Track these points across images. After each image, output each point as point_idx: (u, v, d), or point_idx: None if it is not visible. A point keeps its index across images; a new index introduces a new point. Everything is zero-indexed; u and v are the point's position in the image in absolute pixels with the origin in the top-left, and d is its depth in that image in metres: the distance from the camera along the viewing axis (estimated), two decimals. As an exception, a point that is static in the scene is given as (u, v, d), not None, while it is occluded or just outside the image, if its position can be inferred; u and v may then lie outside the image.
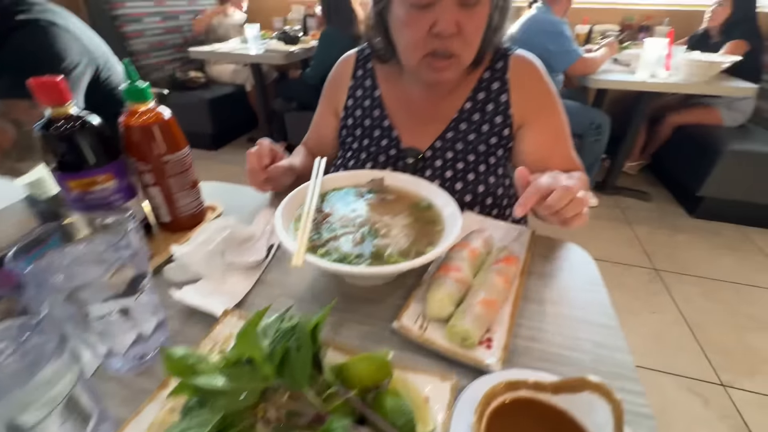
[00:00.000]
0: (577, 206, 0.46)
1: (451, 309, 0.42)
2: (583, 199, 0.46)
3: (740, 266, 1.79)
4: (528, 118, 0.67)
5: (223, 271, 0.51)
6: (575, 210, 0.47)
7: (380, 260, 0.44)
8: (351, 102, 0.75)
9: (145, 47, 2.83)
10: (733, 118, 2.19)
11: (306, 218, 0.46)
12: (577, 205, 0.46)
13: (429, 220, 0.52)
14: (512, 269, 0.47)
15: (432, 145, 0.69)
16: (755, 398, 1.21)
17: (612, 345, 0.42)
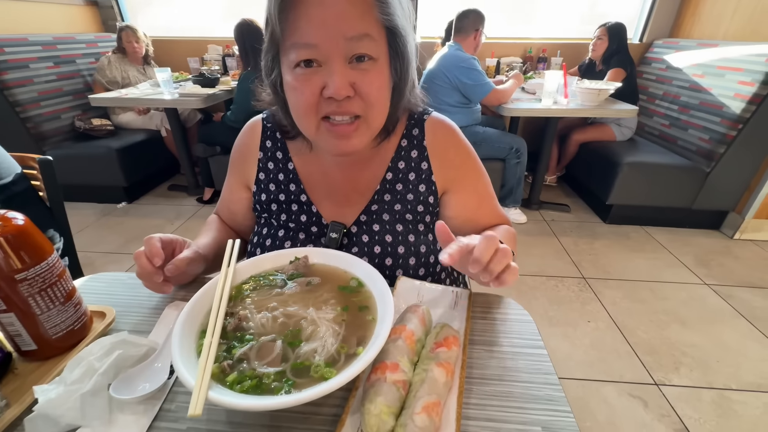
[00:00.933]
0: (502, 259, 0.45)
1: (391, 423, 0.37)
2: (506, 250, 0.46)
3: (650, 265, 2.00)
4: (451, 184, 0.67)
5: (110, 412, 0.41)
6: (502, 263, 0.45)
7: (306, 375, 0.38)
8: (263, 176, 0.69)
9: (32, 96, 2.49)
10: (623, 133, 2.52)
11: (210, 339, 0.39)
12: (502, 257, 0.45)
13: (360, 306, 0.47)
14: (453, 353, 0.44)
15: (357, 219, 0.65)
16: (683, 392, 1.32)
17: (561, 426, 0.40)
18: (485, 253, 0.44)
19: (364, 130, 0.54)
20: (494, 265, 0.45)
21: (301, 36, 0.47)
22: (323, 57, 0.48)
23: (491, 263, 0.44)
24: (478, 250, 0.44)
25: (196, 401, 0.32)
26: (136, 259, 0.52)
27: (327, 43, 0.47)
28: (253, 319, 0.44)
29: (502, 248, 0.45)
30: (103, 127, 2.69)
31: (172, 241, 0.56)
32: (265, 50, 0.53)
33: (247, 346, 0.41)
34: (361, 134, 0.54)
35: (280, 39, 0.50)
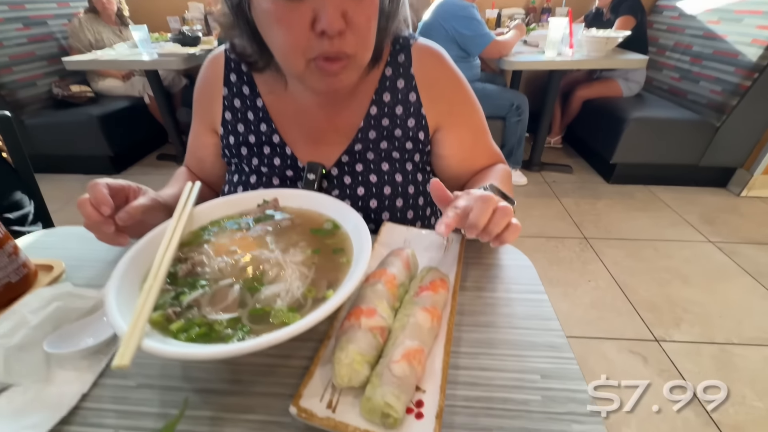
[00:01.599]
0: (501, 219, 0.40)
1: (365, 373, 0.31)
2: (506, 208, 0.40)
3: (653, 224, 1.94)
4: (444, 120, 0.60)
5: (48, 368, 0.35)
6: (501, 224, 0.40)
7: (265, 322, 0.32)
8: (229, 115, 0.61)
9: (4, 61, 2.34)
10: (630, 88, 2.39)
11: (152, 282, 0.33)
12: (501, 218, 0.40)
13: (334, 248, 0.41)
14: (441, 297, 0.38)
15: (339, 160, 0.58)
16: (683, 347, 1.30)
17: (563, 374, 0.35)
18: (482, 218, 0.39)
19: (353, 66, 0.47)
20: (493, 226, 0.40)
21: None
22: None
23: (489, 225, 0.40)
24: (474, 215, 0.39)
25: (124, 350, 0.26)
26: (79, 207, 0.45)
27: None
28: (210, 264, 0.38)
29: (501, 207, 0.40)
30: (83, 94, 2.56)
31: (123, 188, 0.49)
32: None
33: (199, 292, 0.35)
34: (351, 71, 0.48)
35: None
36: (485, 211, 0.39)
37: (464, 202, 0.41)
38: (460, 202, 0.42)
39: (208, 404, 0.33)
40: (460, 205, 0.41)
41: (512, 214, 0.41)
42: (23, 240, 0.57)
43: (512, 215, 0.41)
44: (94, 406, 0.34)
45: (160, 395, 0.34)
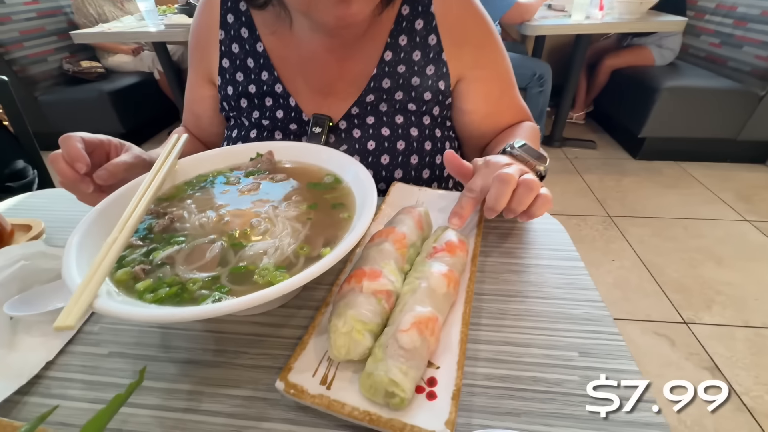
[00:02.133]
0: (525, 197, 0.34)
1: (366, 344, 0.26)
2: (530, 182, 0.34)
3: (684, 201, 1.82)
4: (468, 69, 0.52)
5: (13, 334, 0.32)
6: (525, 202, 0.35)
7: (248, 282, 0.27)
8: (227, 63, 0.54)
9: (14, 36, 2.32)
10: (664, 56, 2.21)
11: (117, 235, 0.28)
12: (524, 194, 0.34)
13: (334, 203, 0.35)
14: (459, 260, 0.32)
15: (347, 112, 0.51)
16: (715, 330, 1.22)
17: (606, 352, 0.29)
18: (500, 200, 0.34)
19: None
20: (516, 205, 0.34)
21: None
22: None
23: (512, 204, 0.34)
24: (491, 198, 0.35)
25: (71, 308, 0.22)
26: (52, 163, 0.40)
27: None
28: (190, 220, 0.33)
29: (524, 182, 0.35)
30: (93, 70, 2.54)
31: (103, 143, 0.44)
32: None
33: (174, 248, 0.30)
34: (364, 0, 0.41)
35: None
36: (503, 192, 0.34)
37: (480, 181, 0.37)
38: (476, 182, 0.37)
39: (186, 376, 0.29)
40: (475, 187, 0.37)
41: (539, 186, 0.35)
42: (7, 202, 0.53)
43: (539, 187, 0.35)
44: (59, 376, 0.29)
45: (134, 365, 0.30)
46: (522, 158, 0.42)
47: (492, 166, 0.37)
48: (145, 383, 0.28)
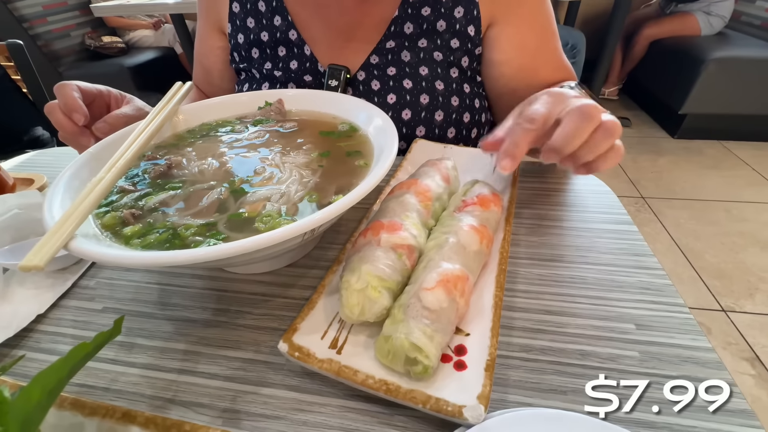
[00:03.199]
0: (605, 138, 0.26)
1: (384, 303, 0.22)
2: (612, 124, 0.26)
3: (727, 183, 1.69)
4: (501, 11, 0.46)
5: (6, 286, 0.29)
6: (604, 145, 0.27)
7: (247, 229, 0.24)
8: (237, 6, 0.50)
9: (37, 11, 2.34)
10: (712, 24, 2.01)
11: (104, 174, 0.24)
12: (605, 136, 0.26)
13: (348, 151, 0.31)
14: (493, 215, 0.28)
15: (366, 61, 0.46)
16: (758, 320, 1.13)
17: (669, 325, 0.24)
18: (576, 139, 0.26)
19: None
20: (587, 151, 0.26)
21: None
22: None
23: (583, 148, 0.26)
24: (563, 135, 0.26)
25: (40, 247, 0.18)
26: (48, 114, 0.37)
27: None
28: (189, 167, 0.30)
29: (606, 122, 0.26)
30: (114, 45, 2.54)
31: (102, 94, 0.41)
32: None
33: (168, 193, 0.27)
34: None
35: None
36: (583, 129, 0.26)
37: (544, 109, 0.27)
38: (538, 109, 0.27)
39: (182, 335, 0.26)
40: (537, 116, 0.27)
41: (620, 132, 0.27)
42: (15, 159, 0.51)
43: (619, 133, 0.27)
44: (50, 329, 0.27)
45: (128, 322, 0.27)
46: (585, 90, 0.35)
47: (557, 98, 0.28)
48: (138, 341, 0.26)
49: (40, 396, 0.13)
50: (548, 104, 0.27)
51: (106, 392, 0.23)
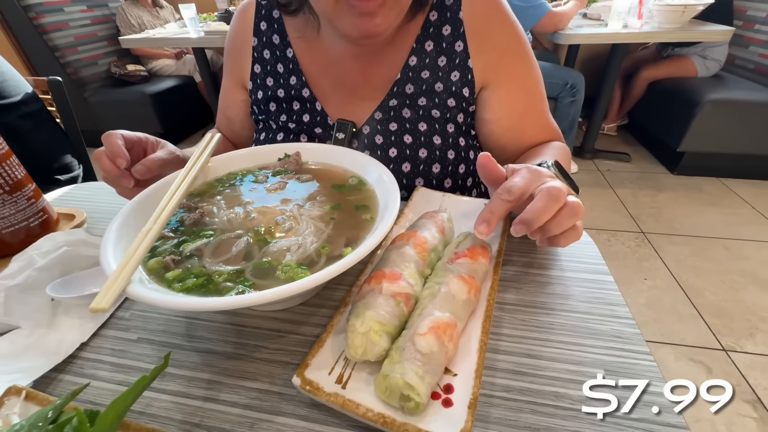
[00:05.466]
0: (569, 218, 0.31)
1: (383, 345, 0.26)
2: (576, 206, 0.31)
3: (726, 221, 1.71)
4: (493, 75, 0.51)
5: (53, 315, 0.34)
6: (566, 224, 0.31)
7: (270, 277, 0.28)
8: (258, 68, 0.57)
9: (69, 41, 2.50)
10: (708, 67, 2.10)
11: (151, 225, 0.29)
12: (569, 216, 0.31)
13: (358, 205, 0.35)
14: (480, 267, 0.32)
15: (371, 117, 0.52)
16: (759, 360, 1.13)
17: (634, 371, 0.28)
18: (542, 216, 0.30)
19: (392, 5, 0.41)
20: (553, 226, 0.31)
21: None
22: None
23: (549, 224, 0.31)
24: (534, 211, 0.30)
25: (106, 292, 0.23)
26: (96, 160, 0.43)
27: None
28: (219, 215, 0.34)
29: (571, 204, 0.31)
30: (137, 73, 2.70)
31: (141, 140, 0.47)
32: None
33: (203, 241, 0.31)
34: (388, 11, 0.41)
35: None
36: (549, 208, 0.30)
37: (522, 184, 0.31)
38: (517, 183, 0.31)
39: (207, 366, 0.30)
40: (514, 190, 0.31)
41: (582, 213, 0.31)
42: (54, 192, 0.57)
43: (582, 214, 0.31)
44: (91, 357, 0.31)
45: (159, 351, 0.31)
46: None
47: (534, 175, 0.33)
48: (169, 370, 0.29)
49: (113, 420, 0.17)
50: (525, 180, 0.32)
51: (142, 416, 0.27)
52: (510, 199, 0.31)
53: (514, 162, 0.55)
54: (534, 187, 0.32)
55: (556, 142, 0.55)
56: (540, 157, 0.48)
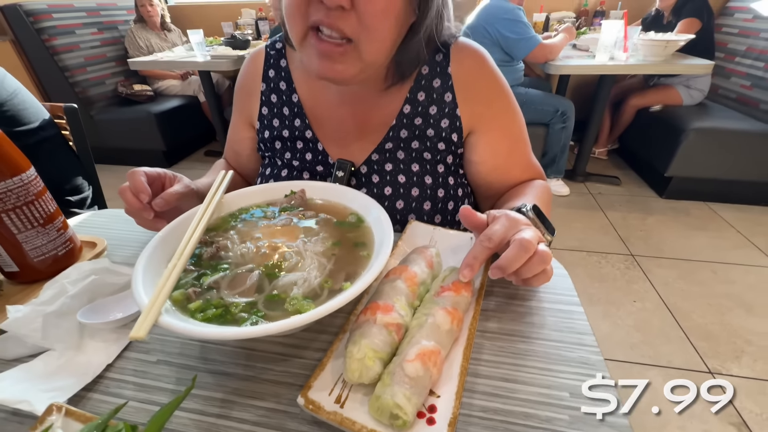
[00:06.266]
0: (538, 265, 0.36)
1: (377, 370, 0.30)
2: (545, 254, 0.36)
3: (713, 244, 1.77)
4: (479, 122, 0.57)
5: (80, 338, 0.37)
6: (536, 269, 0.36)
7: (279, 308, 0.32)
8: (266, 110, 0.62)
9: (79, 62, 2.59)
10: (692, 96, 2.20)
11: (176, 261, 0.34)
12: (538, 263, 0.36)
13: (356, 242, 0.40)
14: (463, 299, 0.36)
15: (368, 158, 0.57)
16: (744, 383, 1.16)
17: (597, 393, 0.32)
18: (514, 264, 0.35)
19: (353, 58, 0.44)
20: (525, 271, 0.36)
21: None
22: None
23: (521, 269, 0.36)
24: (507, 259, 0.35)
25: (142, 323, 0.27)
26: (121, 194, 0.48)
27: None
28: (233, 250, 0.39)
29: (540, 253, 0.36)
30: (143, 93, 2.78)
31: (160, 176, 0.52)
32: None
33: (220, 274, 0.35)
34: (349, 62, 0.44)
35: None
36: (520, 258, 0.35)
37: (501, 232, 0.36)
38: (496, 231, 0.36)
39: (220, 386, 0.33)
40: (494, 237, 0.36)
41: (550, 260, 0.37)
42: (74, 219, 0.61)
43: (550, 261, 0.37)
44: (116, 377, 0.35)
45: (177, 372, 0.35)
46: (534, 223, 0.42)
47: (512, 223, 0.37)
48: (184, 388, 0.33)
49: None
50: (504, 227, 0.37)
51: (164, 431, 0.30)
52: (491, 246, 0.36)
53: (500, 197, 0.60)
54: (511, 234, 0.36)
55: (538, 181, 0.60)
56: (522, 198, 0.52)
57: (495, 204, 0.62)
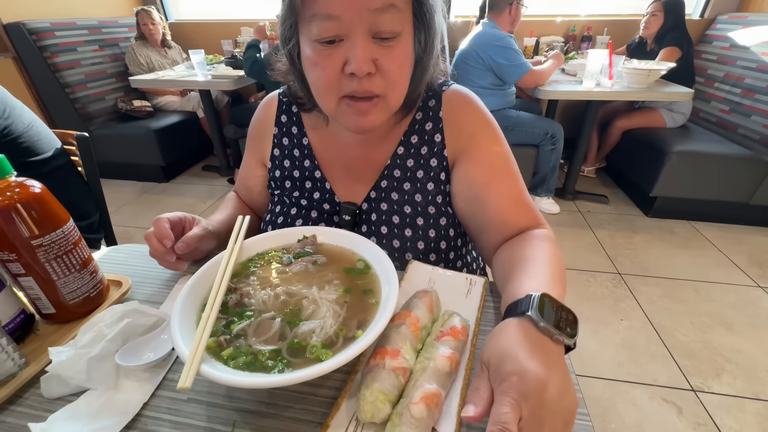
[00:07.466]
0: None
1: (387, 411, 0.35)
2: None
3: (695, 263, 1.84)
4: (460, 154, 0.60)
5: (117, 378, 0.42)
6: None
7: (301, 356, 0.37)
8: (277, 152, 0.68)
9: (80, 78, 2.63)
10: (675, 119, 2.31)
11: (209, 312, 0.38)
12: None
13: (364, 289, 0.45)
14: (460, 343, 0.41)
15: (367, 195, 0.63)
16: (725, 401, 1.22)
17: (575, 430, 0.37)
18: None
19: (382, 107, 0.51)
20: None
21: (322, 6, 0.45)
22: (345, 30, 0.45)
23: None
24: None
25: (186, 374, 0.31)
26: (147, 240, 0.53)
27: (350, 14, 0.44)
28: (255, 296, 0.44)
29: None
30: (143, 109, 2.82)
31: (181, 220, 0.57)
32: (283, 17, 0.51)
33: (246, 322, 0.40)
34: (380, 111, 0.51)
35: (300, 7, 0.47)
36: None
37: (513, 414, 0.29)
38: (509, 416, 0.29)
39: (247, 423, 0.38)
40: (509, 421, 0.29)
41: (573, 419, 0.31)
42: (96, 255, 0.65)
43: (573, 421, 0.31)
44: (152, 415, 0.39)
45: (207, 410, 0.39)
46: (547, 333, 0.35)
47: (521, 395, 0.30)
48: (216, 427, 0.38)
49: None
50: (514, 409, 0.30)
51: (199, 466, 0.34)
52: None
53: (487, 235, 0.60)
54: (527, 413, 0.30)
55: (541, 237, 0.54)
56: (525, 276, 0.45)
57: (492, 262, 0.58)
